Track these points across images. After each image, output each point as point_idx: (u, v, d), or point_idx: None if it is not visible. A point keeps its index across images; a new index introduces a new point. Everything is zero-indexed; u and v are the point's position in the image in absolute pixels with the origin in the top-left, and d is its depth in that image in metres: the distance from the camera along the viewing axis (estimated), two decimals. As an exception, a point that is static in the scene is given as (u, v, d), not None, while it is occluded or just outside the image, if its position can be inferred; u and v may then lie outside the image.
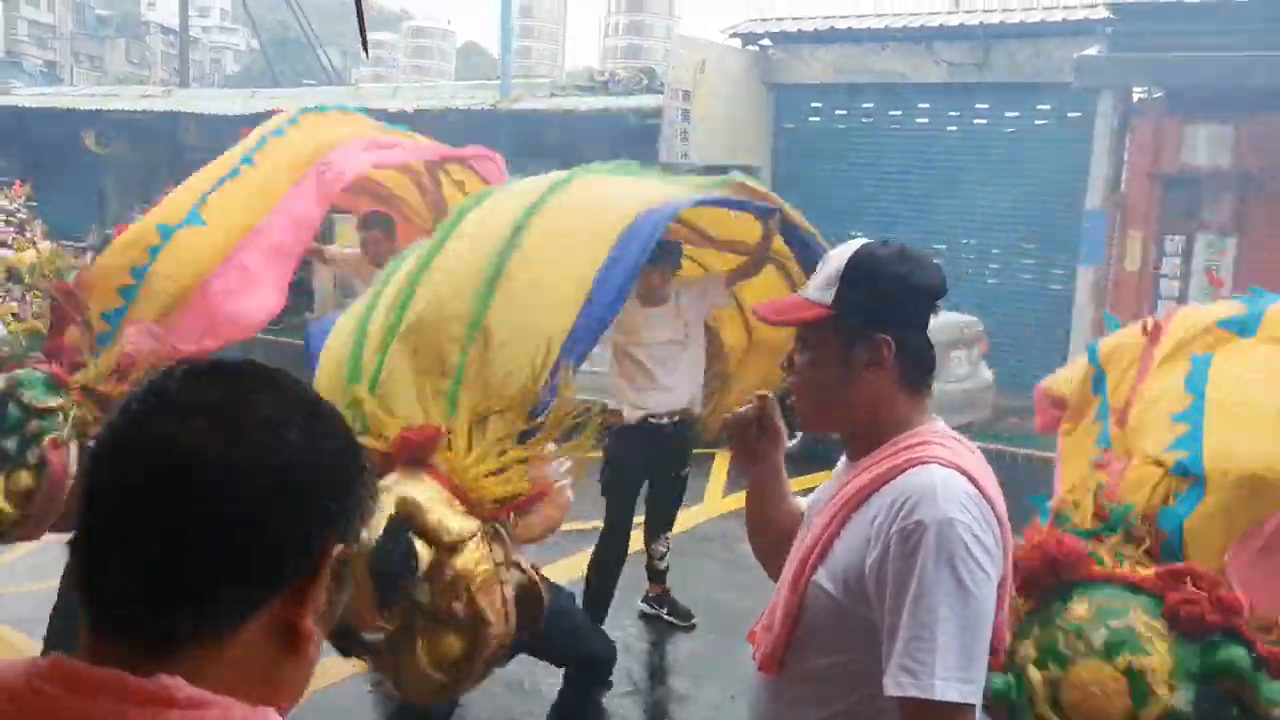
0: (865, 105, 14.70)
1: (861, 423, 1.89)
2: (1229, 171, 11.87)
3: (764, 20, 15.44)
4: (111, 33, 67.08)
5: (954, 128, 14.05)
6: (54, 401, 3.99)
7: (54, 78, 43.95)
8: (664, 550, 5.87)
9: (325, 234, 16.54)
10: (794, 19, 15.23)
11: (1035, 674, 2.54)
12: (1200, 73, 10.83)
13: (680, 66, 13.58)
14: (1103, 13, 12.03)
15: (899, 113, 14.46)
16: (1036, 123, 13.52)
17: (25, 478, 3.91)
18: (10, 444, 3.94)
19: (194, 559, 0.92)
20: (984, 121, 13.87)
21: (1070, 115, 13.07)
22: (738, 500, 7.44)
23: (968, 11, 13.82)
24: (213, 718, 0.90)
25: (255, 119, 18.93)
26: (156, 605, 0.93)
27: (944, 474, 1.72)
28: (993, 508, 1.74)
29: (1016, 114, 13.61)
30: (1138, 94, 12.61)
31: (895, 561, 1.68)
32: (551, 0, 51.94)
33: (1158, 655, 2.48)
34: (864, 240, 1.95)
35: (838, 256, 1.91)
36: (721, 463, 8.56)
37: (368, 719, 4.63)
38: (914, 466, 1.75)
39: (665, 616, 5.84)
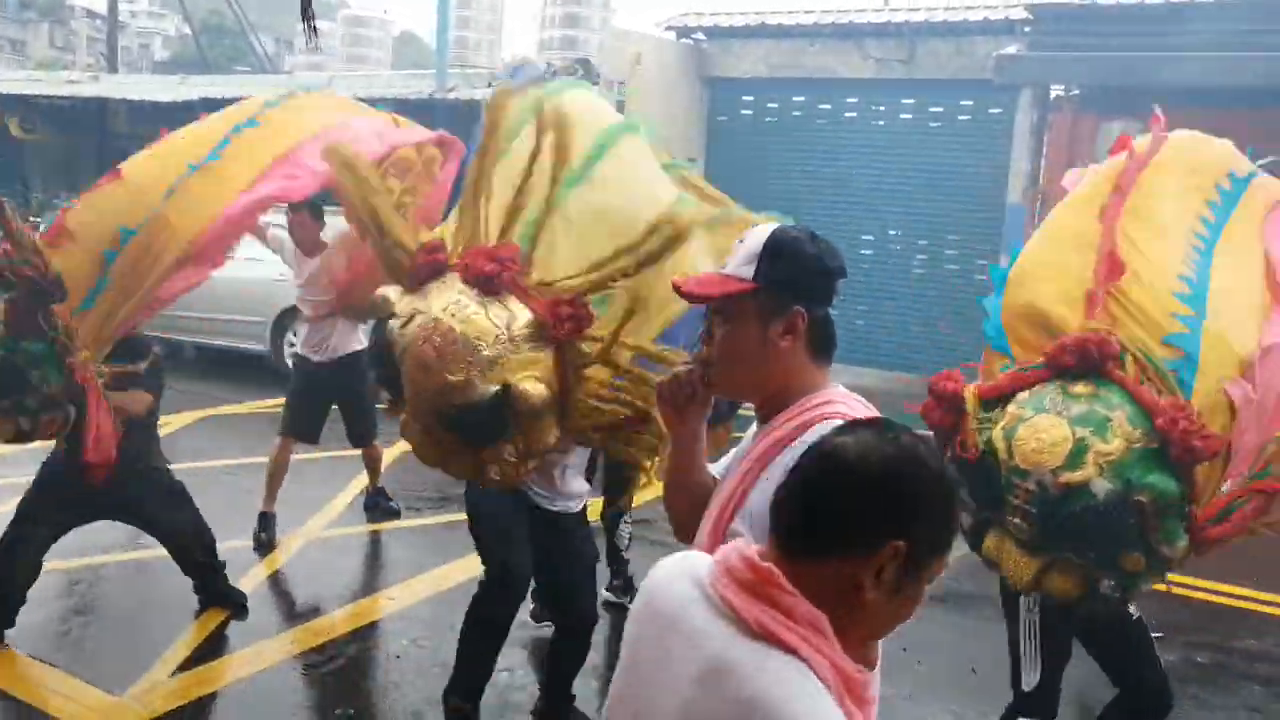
0: (796, 99, 14.98)
1: (775, 388, 2.08)
2: (1142, 167, 12.30)
3: (698, 14, 15.65)
4: (34, 16, 65.53)
5: (881, 122, 14.38)
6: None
7: (-27, 62, 42.92)
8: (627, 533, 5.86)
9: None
10: (727, 14, 15.47)
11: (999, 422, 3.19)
12: (1113, 72, 11.24)
13: (615, 59, 13.74)
14: (1022, 13, 12.41)
15: (828, 107, 14.77)
16: (960, 118, 13.89)
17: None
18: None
19: (837, 515, 1.46)
20: (909, 116, 14.20)
21: (992, 111, 13.45)
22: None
23: (894, 9, 14.18)
24: (788, 604, 1.43)
25: (186, 106, 18.77)
26: (809, 534, 1.47)
27: None
28: None
29: (941, 109, 13.95)
30: (1055, 92, 13.04)
31: None
32: (488, -10, 51.71)
33: (1109, 447, 3.00)
34: (776, 223, 2.18)
35: (755, 236, 2.09)
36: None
37: (300, 702, 4.70)
38: (821, 421, 1.97)
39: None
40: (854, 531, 1.45)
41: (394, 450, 8.60)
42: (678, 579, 1.56)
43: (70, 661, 4.81)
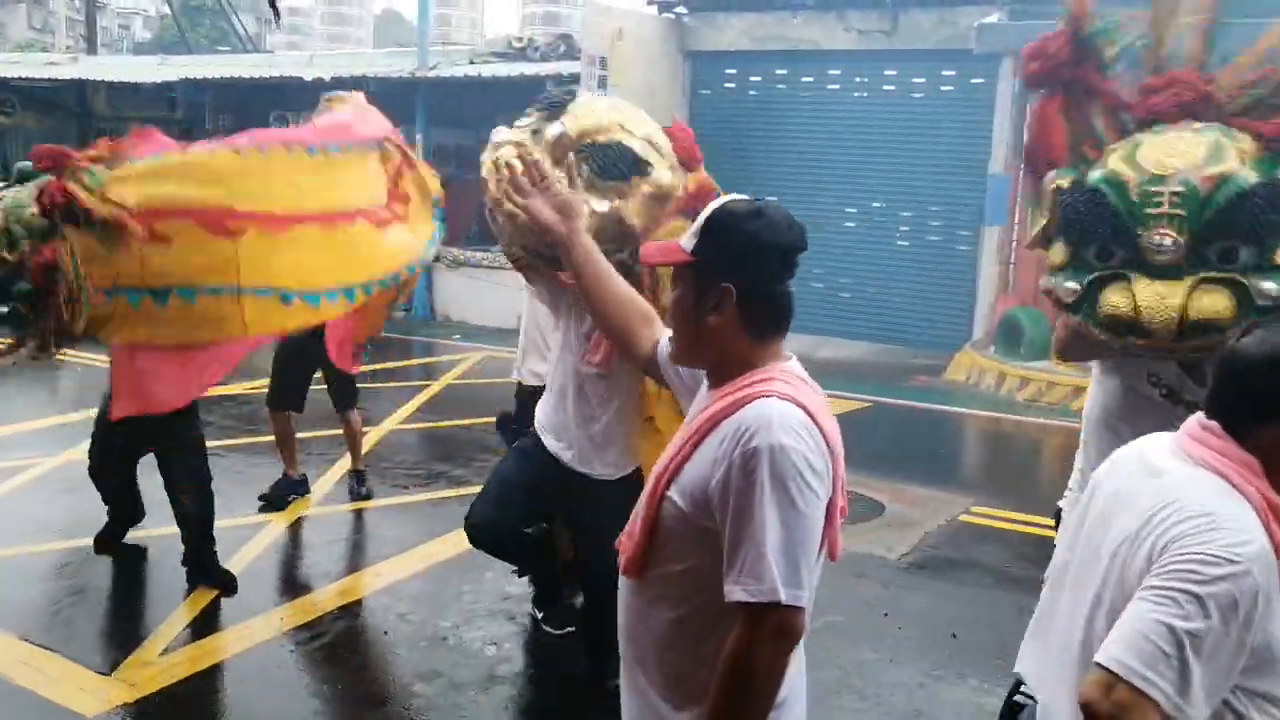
0: (778, 72, 15.00)
1: (712, 360, 2.13)
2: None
3: (679, -12, 15.64)
4: (12, -2, 64.84)
5: (863, 94, 14.40)
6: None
7: (-50, 45, 42.49)
8: None
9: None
10: (709, -13, 15.44)
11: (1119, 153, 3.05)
12: (1094, 40, 11.21)
13: (596, 34, 13.70)
14: (1004, -18, 12.42)
15: (810, 79, 14.78)
16: (942, 89, 13.91)
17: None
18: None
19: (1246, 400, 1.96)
20: (892, 88, 14.23)
21: (974, 81, 13.48)
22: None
23: (877, -20, 14.13)
24: (1220, 446, 1.97)
25: (167, 87, 18.60)
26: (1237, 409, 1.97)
27: (780, 405, 1.96)
28: (825, 437, 1.98)
29: (923, 80, 13.98)
30: (1036, 60, 13.03)
31: (736, 481, 1.92)
32: (469, -34, 51.43)
33: (1247, 145, 2.96)
34: (731, 197, 2.18)
35: (707, 210, 2.13)
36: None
37: (289, 679, 4.72)
38: (756, 399, 1.98)
39: None
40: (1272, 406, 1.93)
41: (382, 428, 8.64)
42: (1150, 445, 2.12)
43: (59, 641, 4.82)
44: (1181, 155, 2.92)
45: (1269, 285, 2.85)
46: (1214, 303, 2.85)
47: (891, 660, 4.94)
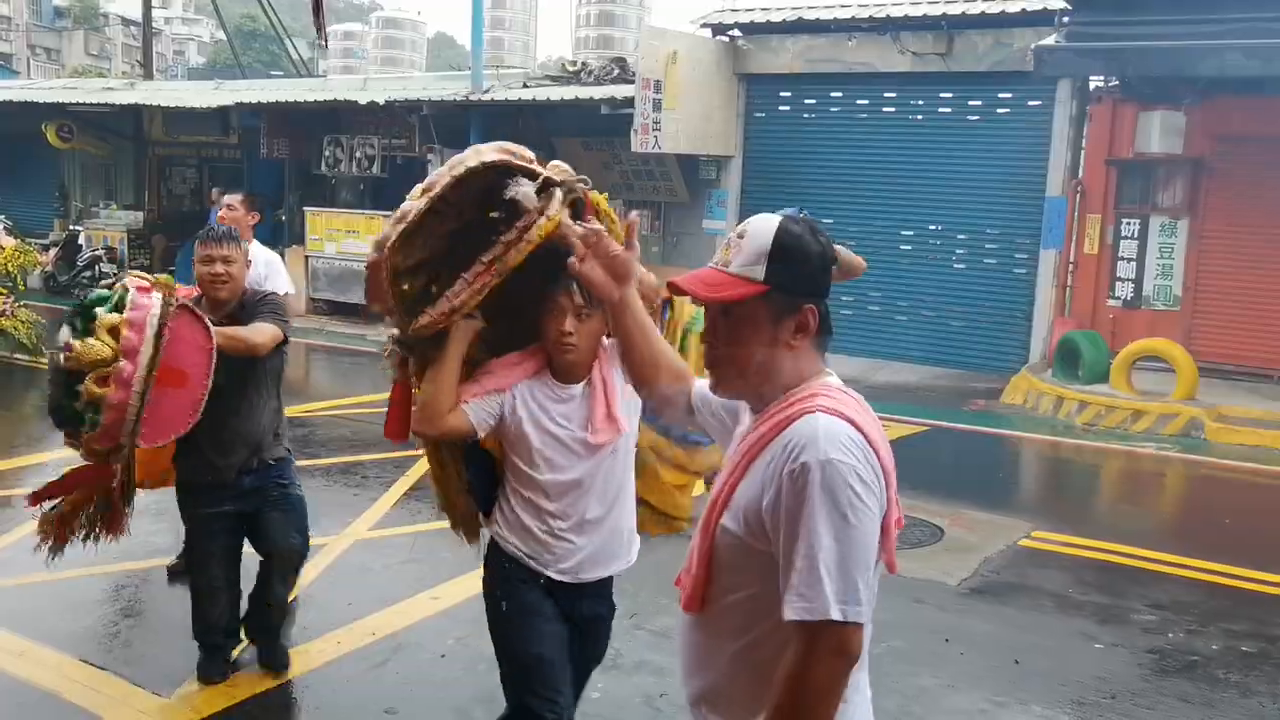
0: (833, 94, 14.94)
1: (766, 385, 2.06)
2: (1181, 157, 12.19)
3: (733, 11, 15.64)
4: (69, 24, 66.26)
5: (919, 116, 14.29)
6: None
7: (9, 71, 43.31)
8: None
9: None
10: (763, 9, 15.42)
11: None
12: (1153, 61, 11.11)
13: (650, 57, 13.73)
14: (1060, 4, 12.30)
15: (866, 101, 14.70)
16: (998, 111, 13.79)
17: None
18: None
19: None
20: (948, 110, 14.11)
21: (1030, 104, 13.37)
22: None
23: (931, 2, 14.05)
24: None
25: (221, 111, 18.93)
26: None
27: (826, 420, 1.92)
28: (874, 448, 1.93)
29: (979, 102, 13.88)
30: (1094, 82, 12.92)
31: (786, 499, 1.89)
32: (522, -10, 51.85)
33: None
34: (774, 216, 2.09)
35: (760, 232, 2.04)
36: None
37: (346, 702, 4.70)
38: (802, 416, 1.95)
39: None
40: None
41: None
42: None
43: (118, 663, 4.84)
44: None
45: None
46: None
47: (951, 686, 4.86)
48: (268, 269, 6.20)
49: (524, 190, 2.75)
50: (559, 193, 2.78)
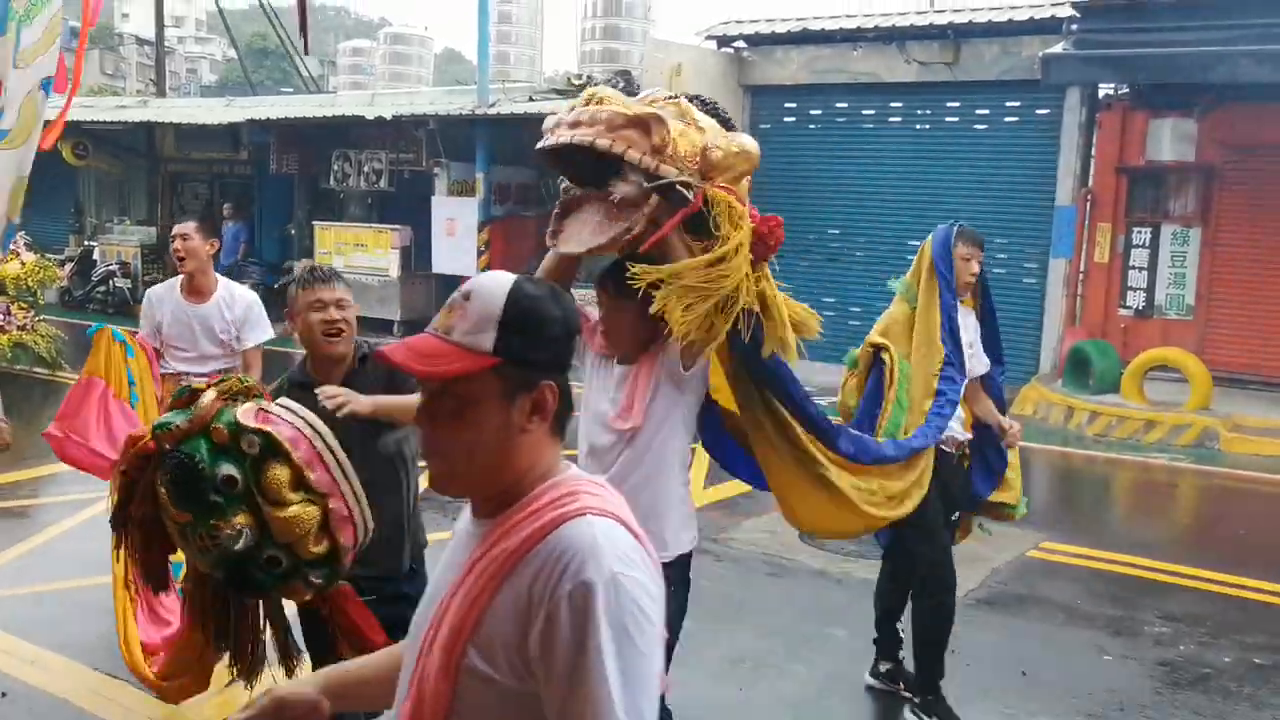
0: (839, 105, 14.91)
1: (509, 480, 1.67)
2: (1193, 164, 12.13)
3: (738, 23, 15.64)
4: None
5: (926, 126, 14.26)
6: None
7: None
8: None
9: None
10: (767, 21, 15.44)
11: None
12: (1163, 69, 11.07)
13: (655, 69, 13.73)
14: (1068, 11, 12.27)
15: (872, 112, 14.67)
16: (1006, 120, 13.76)
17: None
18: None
19: None
20: (955, 119, 14.08)
21: (1039, 112, 13.32)
22: (718, 491, 7.63)
23: (938, 11, 14.06)
24: None
25: (232, 128, 18.96)
26: None
27: (604, 525, 1.59)
28: (647, 551, 1.64)
29: (986, 111, 13.84)
30: (1103, 90, 12.87)
31: (564, 630, 1.52)
32: (528, 5, 52.09)
33: None
34: (507, 275, 1.73)
35: (488, 296, 1.67)
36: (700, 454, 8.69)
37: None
38: (568, 520, 1.59)
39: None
40: None
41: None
42: None
43: (130, 672, 4.83)
44: None
45: None
46: None
47: (960, 699, 4.80)
48: (247, 313, 5.47)
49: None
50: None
